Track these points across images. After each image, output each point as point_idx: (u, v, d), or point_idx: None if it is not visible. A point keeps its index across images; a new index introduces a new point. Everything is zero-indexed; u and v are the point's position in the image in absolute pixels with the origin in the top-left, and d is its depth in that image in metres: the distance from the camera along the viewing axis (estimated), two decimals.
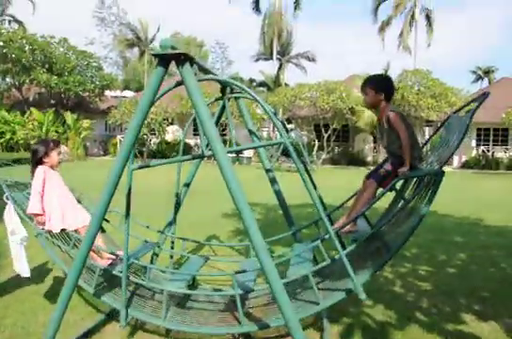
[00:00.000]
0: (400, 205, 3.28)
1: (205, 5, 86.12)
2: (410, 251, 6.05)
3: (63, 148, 23.03)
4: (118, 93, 36.88)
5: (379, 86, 3.43)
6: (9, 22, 40.17)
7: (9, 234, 3.76)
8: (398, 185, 3.29)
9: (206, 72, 2.92)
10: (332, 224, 3.90)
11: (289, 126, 22.48)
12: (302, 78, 67.71)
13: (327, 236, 3.19)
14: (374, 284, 4.56)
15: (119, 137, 27.77)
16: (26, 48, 26.85)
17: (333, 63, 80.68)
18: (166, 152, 25.90)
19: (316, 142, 23.58)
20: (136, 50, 47.13)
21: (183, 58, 2.41)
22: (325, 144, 23.82)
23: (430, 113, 21.96)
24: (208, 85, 17.35)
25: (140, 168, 3.04)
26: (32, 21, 72.83)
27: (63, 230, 3.85)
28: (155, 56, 2.45)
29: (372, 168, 3.67)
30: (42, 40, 28.14)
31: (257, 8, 35.57)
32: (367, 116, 21.85)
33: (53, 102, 29.93)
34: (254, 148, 4.12)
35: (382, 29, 33.94)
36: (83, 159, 24.59)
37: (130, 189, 3.02)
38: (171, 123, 27.57)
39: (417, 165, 3.27)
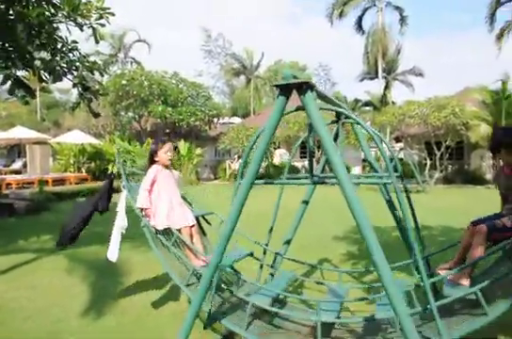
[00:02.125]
0: (507, 267, 2.98)
1: (304, 29, 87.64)
2: None
3: (177, 173, 24.42)
4: (226, 120, 38.56)
5: None
6: (131, 63, 44.80)
7: (117, 219, 4.09)
8: None
9: (325, 98, 2.95)
10: (429, 266, 3.73)
11: (398, 145, 21.74)
12: (409, 95, 65.45)
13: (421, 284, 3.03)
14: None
15: (228, 161, 28.94)
16: (145, 84, 29.37)
17: (441, 77, 76.99)
18: (273, 174, 26.36)
19: (428, 161, 22.44)
20: (242, 78, 49.33)
21: (304, 87, 2.46)
22: (437, 163, 22.56)
23: None
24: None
25: (265, 183, 3.20)
26: (148, 58, 79.92)
27: (167, 228, 4.06)
28: (278, 86, 2.53)
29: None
30: (157, 76, 30.66)
31: (360, 28, 35.40)
32: (482, 129, 20.35)
33: (167, 131, 32.19)
34: (365, 183, 4.07)
35: (500, 37, 31.44)
36: (195, 183, 25.89)
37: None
38: (278, 147, 28.11)
39: None
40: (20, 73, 6.85)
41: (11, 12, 6.35)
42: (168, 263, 3.80)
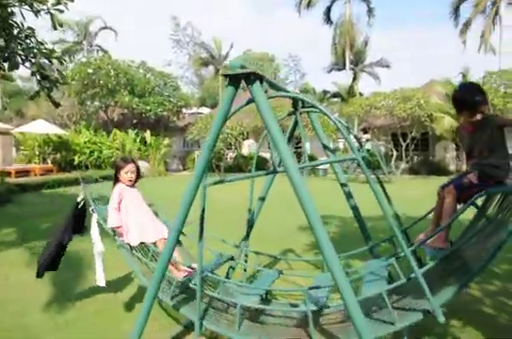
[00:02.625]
0: (482, 223, 3.07)
1: (276, 19, 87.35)
2: (500, 268, 5.63)
3: (144, 164, 24.24)
4: (194, 110, 38.19)
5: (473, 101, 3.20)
6: (97, 51, 43.77)
7: (94, 245, 4.05)
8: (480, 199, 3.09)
9: (277, 88, 2.95)
10: (409, 240, 3.76)
11: (365, 136, 21.94)
12: (375, 87, 66.31)
13: (402, 254, 3.07)
14: (459, 303, 4.29)
15: (196, 152, 28.78)
16: (112, 73, 28.74)
17: (409, 69, 78.26)
18: (242, 165, 26.38)
19: (394, 152, 22.87)
20: (211, 68, 48.84)
21: (252, 78, 2.45)
22: (403, 154, 23.02)
23: None
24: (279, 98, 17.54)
25: (214, 183, 3.08)
26: (115, 46, 78.28)
27: (142, 243, 4.02)
28: (226, 76, 2.51)
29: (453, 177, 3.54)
30: (124, 65, 30.06)
31: (328, 19, 35.59)
32: (447, 122, 20.81)
33: (135, 121, 31.71)
34: (327, 163, 4.07)
35: (464, 32, 32.12)
36: (164, 174, 25.68)
37: (204, 204, 3.04)
38: (247, 138, 28.10)
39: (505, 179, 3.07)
40: None
41: None
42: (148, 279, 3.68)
